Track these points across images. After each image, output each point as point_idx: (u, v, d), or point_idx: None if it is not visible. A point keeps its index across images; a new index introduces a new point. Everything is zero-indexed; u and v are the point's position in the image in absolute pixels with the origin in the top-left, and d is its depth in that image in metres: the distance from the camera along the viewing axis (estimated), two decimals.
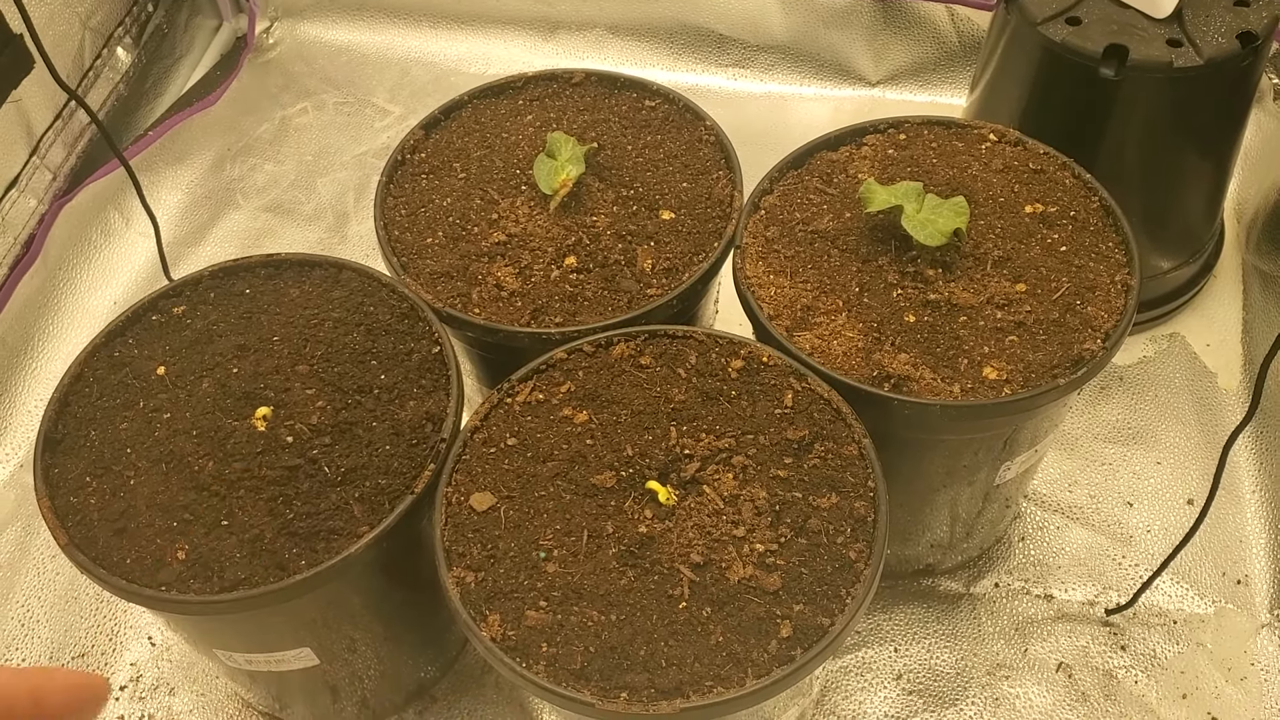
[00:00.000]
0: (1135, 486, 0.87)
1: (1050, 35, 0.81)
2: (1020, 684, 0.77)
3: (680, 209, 0.74)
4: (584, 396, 0.64)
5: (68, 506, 0.62)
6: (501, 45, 1.26)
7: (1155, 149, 0.85)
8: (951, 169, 0.73)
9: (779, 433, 0.61)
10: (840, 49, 1.18)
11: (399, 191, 0.77)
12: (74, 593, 0.85)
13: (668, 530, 0.58)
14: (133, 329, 0.69)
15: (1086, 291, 0.67)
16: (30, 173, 1.03)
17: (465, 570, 0.57)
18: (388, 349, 0.67)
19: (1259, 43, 0.80)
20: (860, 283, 0.68)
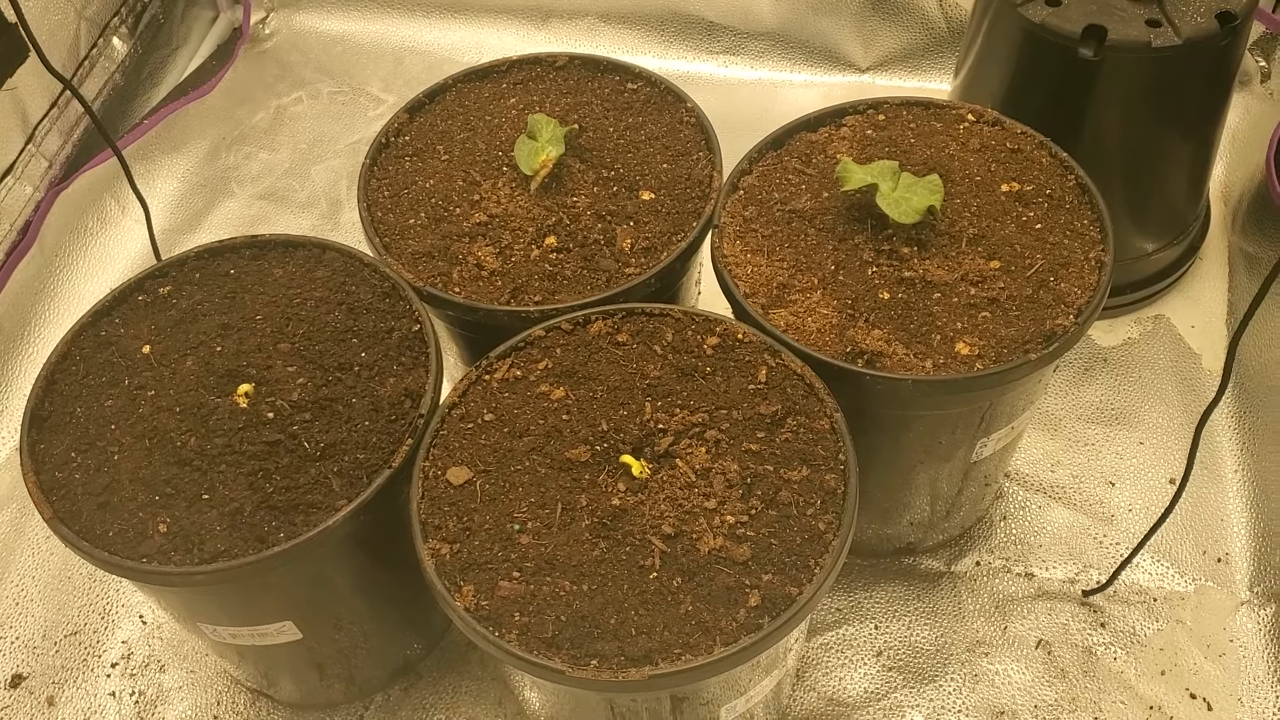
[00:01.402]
0: (1118, 466, 0.87)
1: (1030, 16, 0.82)
2: (1000, 661, 0.78)
3: (660, 189, 0.75)
4: (561, 373, 0.65)
5: (53, 481, 0.63)
6: (494, 34, 1.27)
7: (1136, 129, 0.86)
8: (929, 149, 0.74)
9: (752, 408, 0.62)
10: (830, 36, 1.18)
11: (383, 174, 0.78)
12: (67, 572, 0.86)
13: (640, 503, 0.58)
14: (119, 309, 0.70)
15: (1060, 268, 0.67)
16: (26, 160, 1.04)
17: (441, 542, 0.58)
18: (369, 327, 0.68)
19: (1238, 22, 0.80)
20: (836, 261, 0.69)
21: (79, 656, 0.82)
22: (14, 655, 0.82)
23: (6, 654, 0.82)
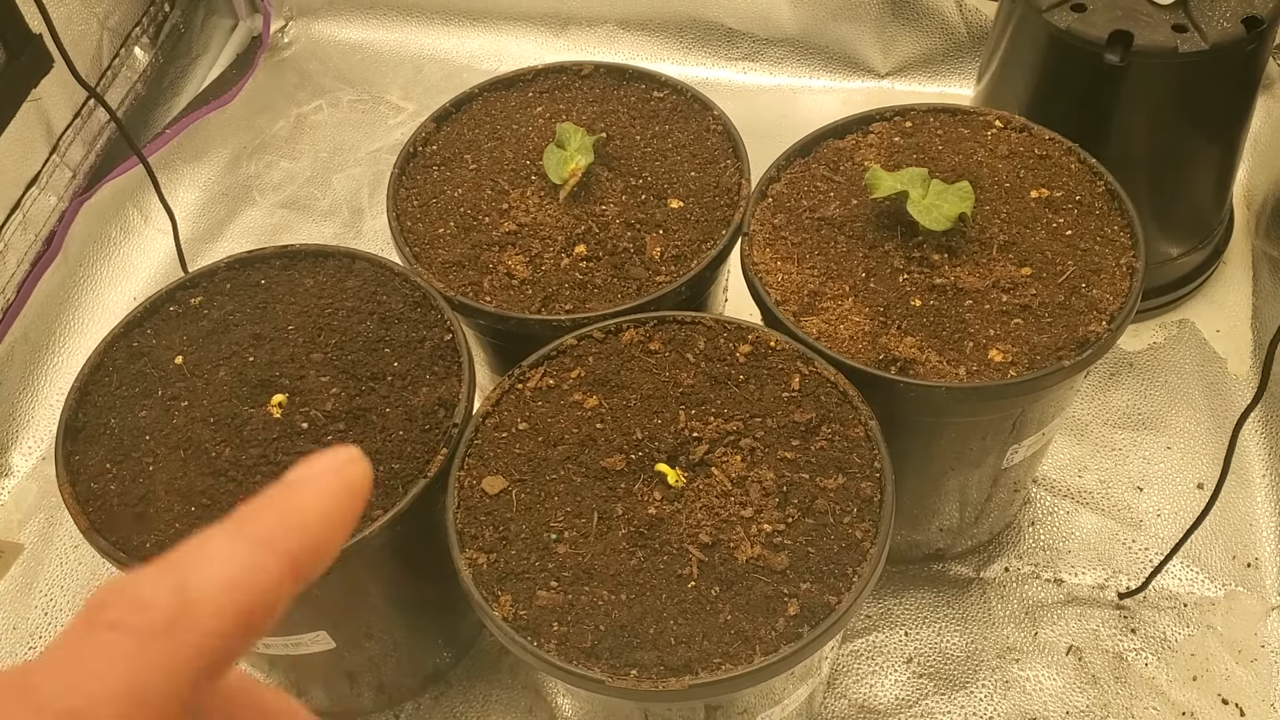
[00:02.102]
0: (1145, 471, 0.87)
1: (1055, 22, 0.82)
2: (1030, 667, 0.78)
3: (688, 197, 0.75)
4: (594, 382, 0.65)
5: (89, 492, 0.63)
6: (513, 41, 1.27)
7: (1162, 134, 0.85)
8: (957, 155, 0.74)
9: (786, 415, 0.62)
10: (849, 41, 1.18)
11: (411, 183, 0.78)
12: (96, 581, 0.86)
13: (677, 511, 0.59)
14: (151, 319, 0.70)
15: (1091, 274, 0.67)
16: (50, 171, 1.04)
17: (478, 552, 0.58)
18: (400, 337, 0.68)
19: (1264, 27, 0.80)
20: (866, 268, 0.69)
21: None
22: None
23: None
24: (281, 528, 0.24)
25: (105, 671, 0.21)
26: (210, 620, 0.22)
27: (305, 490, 0.24)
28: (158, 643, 0.21)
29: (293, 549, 0.23)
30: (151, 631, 0.21)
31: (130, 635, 0.21)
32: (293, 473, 0.25)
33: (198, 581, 0.22)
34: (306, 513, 0.24)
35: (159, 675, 0.21)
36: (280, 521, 0.24)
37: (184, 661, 0.21)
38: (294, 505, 0.24)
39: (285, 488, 0.25)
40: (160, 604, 0.22)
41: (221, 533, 0.23)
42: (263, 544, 0.23)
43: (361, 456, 0.26)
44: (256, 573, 0.23)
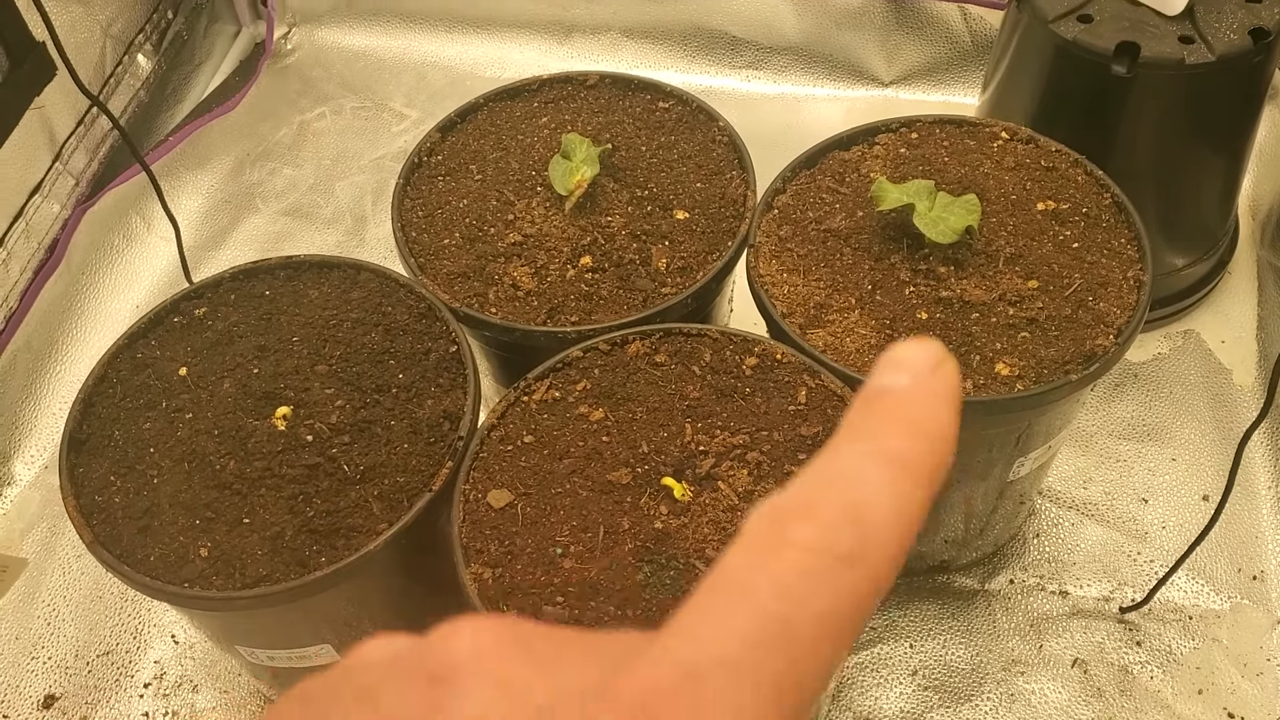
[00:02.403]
0: (1150, 483, 0.87)
1: (1062, 33, 0.82)
2: (1036, 680, 0.77)
3: (694, 209, 0.75)
4: (600, 394, 0.64)
5: (93, 505, 0.63)
6: (517, 49, 1.27)
7: (1168, 146, 0.85)
8: (963, 167, 0.74)
9: (793, 429, 0.62)
10: (853, 50, 1.18)
11: (416, 193, 0.78)
12: (99, 592, 0.86)
13: (683, 526, 0.58)
14: (155, 331, 0.70)
15: (1099, 288, 0.67)
16: (53, 178, 1.04)
17: (483, 566, 0.58)
18: (405, 348, 0.68)
19: (1271, 39, 0.80)
20: (873, 280, 0.68)
21: (112, 677, 0.82)
22: (47, 676, 0.82)
23: (39, 674, 0.82)
24: (917, 449, 0.23)
25: (806, 592, 0.21)
26: (885, 551, 0.22)
27: (921, 401, 0.23)
28: (847, 571, 0.21)
29: (930, 470, 0.23)
30: (843, 558, 0.21)
31: (822, 559, 0.21)
32: (887, 374, 0.24)
33: (872, 513, 0.22)
34: (933, 429, 0.23)
35: (850, 605, 0.21)
36: (914, 442, 0.23)
37: (866, 595, 0.21)
38: (920, 421, 0.23)
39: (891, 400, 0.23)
40: (845, 532, 0.21)
41: (866, 457, 0.22)
42: (909, 469, 0.22)
43: (945, 351, 0.24)
44: (911, 502, 0.22)
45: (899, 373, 0.24)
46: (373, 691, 0.23)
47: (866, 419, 0.23)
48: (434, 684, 0.21)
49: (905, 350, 0.24)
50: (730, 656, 0.20)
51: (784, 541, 0.21)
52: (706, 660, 0.20)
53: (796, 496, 0.22)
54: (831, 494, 0.22)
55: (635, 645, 0.21)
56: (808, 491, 0.22)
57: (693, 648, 0.20)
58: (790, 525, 0.22)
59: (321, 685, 0.25)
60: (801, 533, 0.21)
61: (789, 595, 0.21)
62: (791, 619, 0.20)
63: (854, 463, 0.22)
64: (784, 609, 0.20)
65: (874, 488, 0.22)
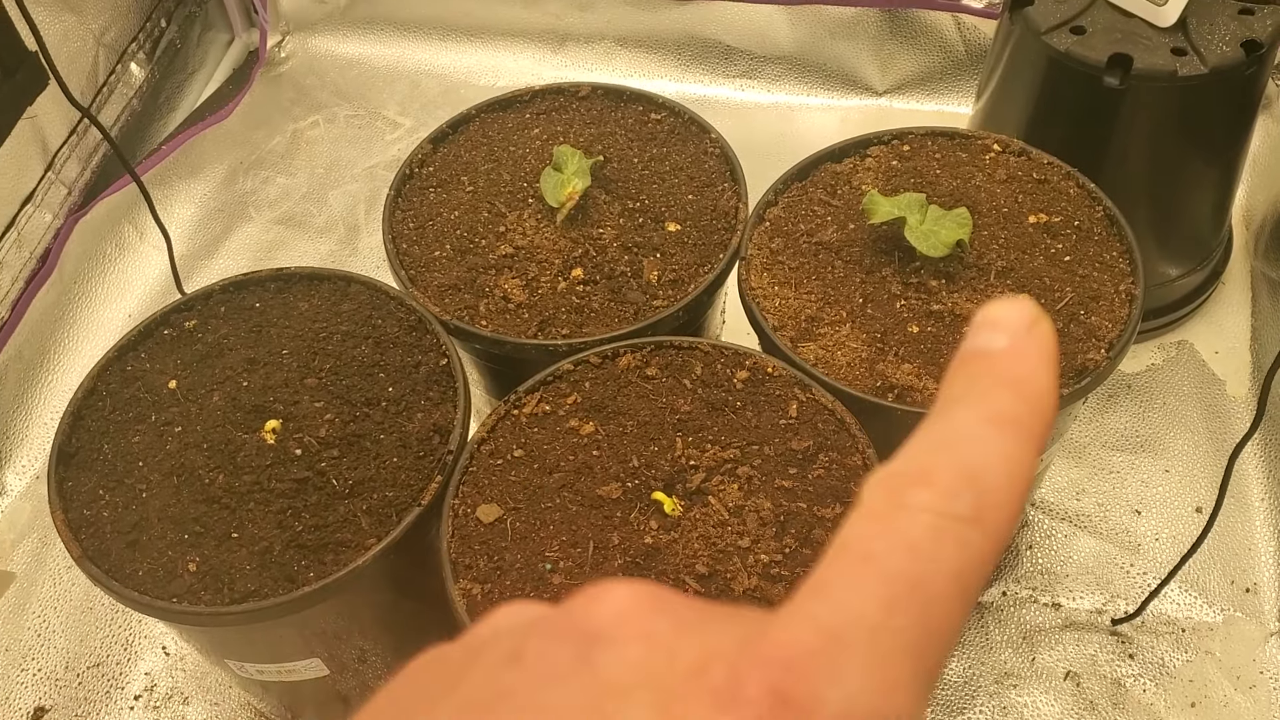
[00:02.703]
0: (1143, 494, 0.87)
1: (1055, 44, 0.81)
2: (1028, 693, 0.77)
3: (686, 221, 0.75)
4: (590, 408, 0.64)
5: (81, 519, 0.63)
6: (511, 58, 1.27)
7: (1161, 157, 0.85)
8: (955, 180, 0.74)
9: (784, 443, 0.62)
10: (847, 59, 1.18)
11: (407, 205, 0.78)
12: (89, 603, 0.85)
13: (673, 541, 0.58)
14: (145, 343, 0.70)
15: (1090, 301, 0.67)
16: (45, 188, 1.04)
17: (472, 582, 0.58)
18: (395, 361, 0.68)
19: (1264, 51, 0.80)
20: (864, 294, 0.68)
21: (102, 689, 0.81)
22: (36, 688, 0.81)
23: (29, 686, 0.81)
24: (1023, 409, 0.23)
25: (936, 551, 0.21)
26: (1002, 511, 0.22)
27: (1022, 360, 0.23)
28: (971, 531, 0.21)
29: (1038, 430, 0.23)
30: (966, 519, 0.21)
31: (945, 521, 0.21)
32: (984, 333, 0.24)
33: (987, 475, 0.22)
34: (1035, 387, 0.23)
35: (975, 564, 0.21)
36: (1019, 402, 0.23)
37: (989, 554, 0.22)
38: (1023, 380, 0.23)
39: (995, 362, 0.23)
40: (964, 494, 0.22)
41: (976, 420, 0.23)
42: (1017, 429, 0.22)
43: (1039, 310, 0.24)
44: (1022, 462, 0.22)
45: (996, 332, 0.24)
46: (518, 651, 0.23)
47: (971, 381, 0.23)
48: (582, 642, 0.22)
49: (1000, 309, 0.24)
50: (869, 617, 0.20)
51: (904, 506, 0.21)
52: (846, 620, 0.20)
53: (911, 463, 0.22)
54: (946, 458, 0.22)
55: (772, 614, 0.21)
56: (922, 457, 0.22)
57: (831, 610, 0.21)
58: (908, 491, 0.22)
59: (457, 649, 0.25)
60: (921, 498, 0.21)
61: (918, 556, 0.21)
62: (922, 579, 0.21)
63: (964, 426, 0.22)
64: (915, 569, 0.21)
65: (986, 450, 0.22)
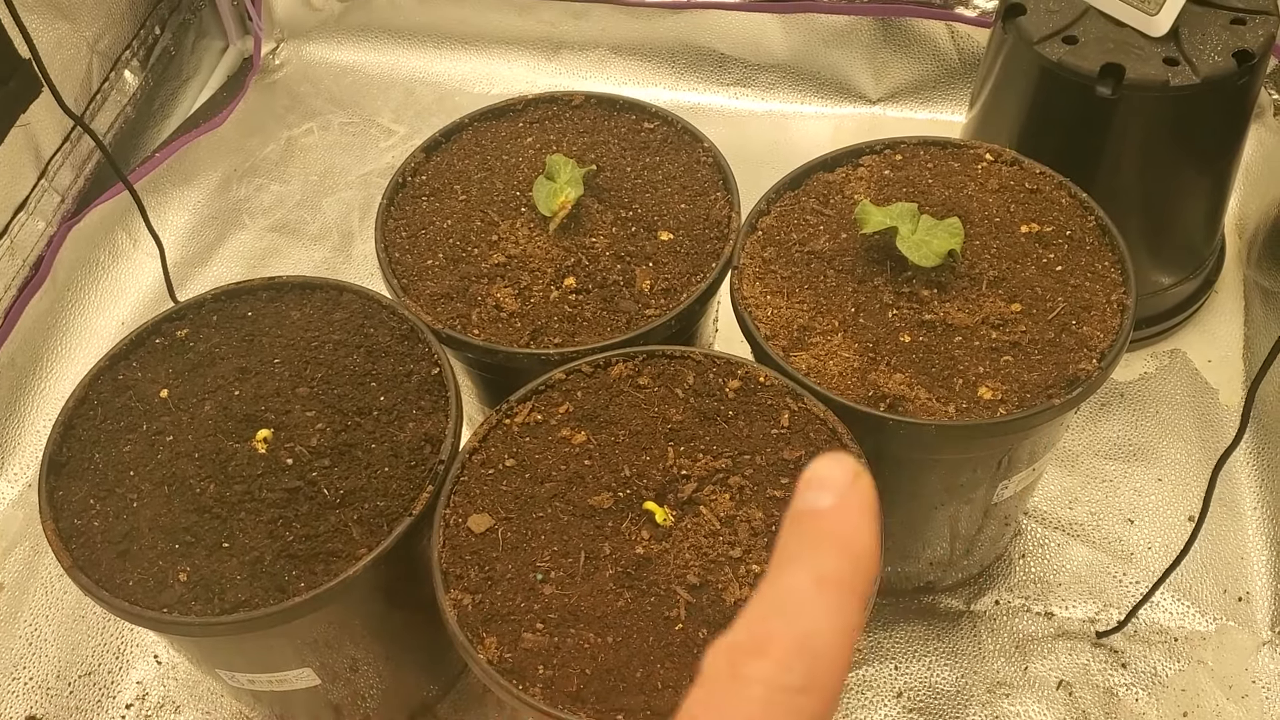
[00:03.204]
0: (1136, 503, 0.87)
1: (1047, 54, 0.82)
2: (1021, 702, 0.77)
3: (678, 230, 0.75)
4: (582, 417, 0.64)
5: (72, 529, 0.62)
6: (505, 65, 1.27)
7: (1153, 167, 0.85)
8: (947, 189, 0.74)
9: (775, 453, 0.62)
10: (841, 67, 1.18)
11: (399, 214, 0.78)
12: (81, 612, 0.85)
13: (665, 551, 0.58)
14: (136, 352, 0.70)
15: (1082, 311, 0.67)
16: (39, 195, 1.04)
17: (463, 592, 0.58)
18: (387, 370, 0.68)
19: (1255, 61, 0.80)
20: (856, 303, 0.68)
21: (93, 698, 0.81)
22: (28, 696, 0.81)
23: (20, 695, 0.81)
24: (848, 568, 0.25)
25: None
26: (833, 673, 0.24)
27: (845, 518, 0.25)
28: (803, 699, 0.23)
29: (862, 586, 0.25)
30: (798, 689, 0.23)
31: (780, 693, 0.23)
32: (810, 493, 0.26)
33: (818, 641, 0.24)
34: (858, 546, 0.25)
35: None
36: (845, 561, 0.25)
37: (821, 715, 0.24)
38: (847, 538, 0.25)
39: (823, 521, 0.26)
40: (797, 663, 0.23)
41: (806, 583, 0.25)
42: (844, 589, 0.25)
43: (859, 465, 0.26)
44: (850, 620, 0.24)
45: (822, 491, 0.26)
46: None
47: (799, 541, 0.25)
48: None
49: (824, 467, 0.26)
50: None
51: (742, 679, 0.23)
52: None
53: (748, 632, 0.24)
54: (779, 626, 0.24)
55: None
56: (757, 625, 0.24)
57: None
58: (746, 663, 0.24)
59: None
60: (757, 669, 0.23)
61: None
62: None
63: (796, 590, 0.25)
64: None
65: (817, 615, 0.24)
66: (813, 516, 0.26)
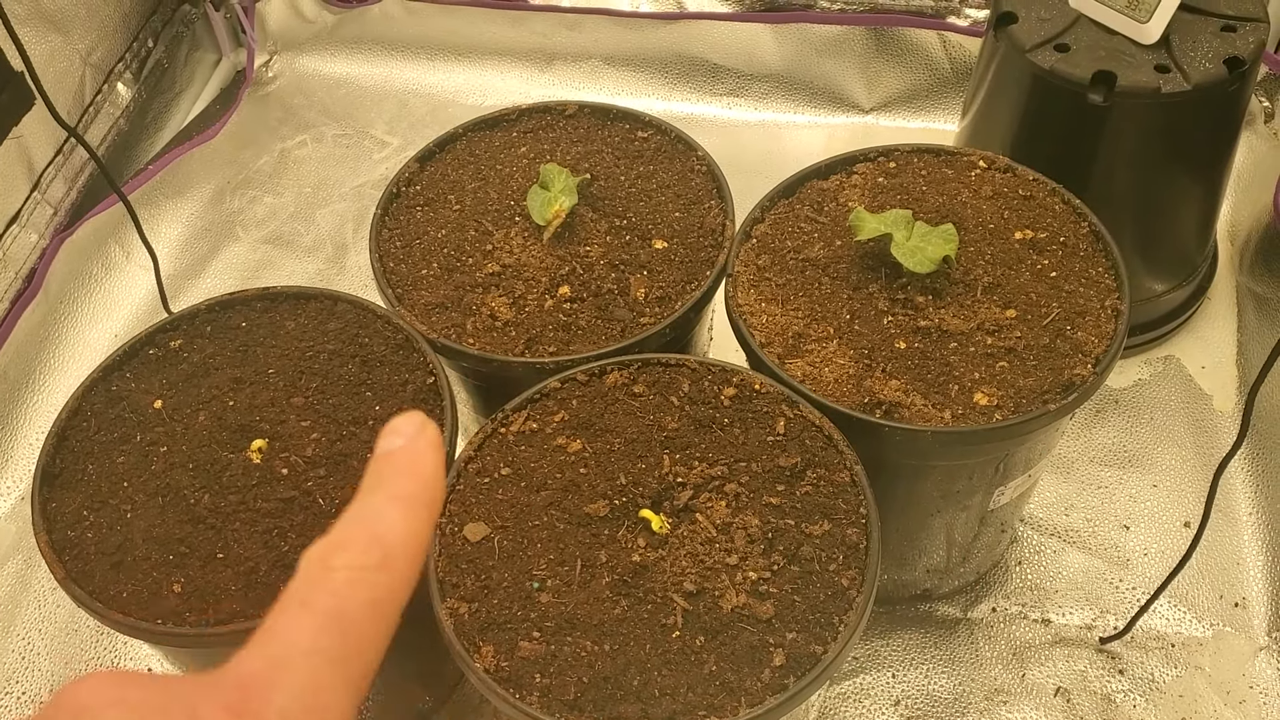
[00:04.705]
0: (1132, 510, 0.87)
1: (1039, 62, 0.82)
2: (1018, 709, 0.77)
3: (673, 238, 0.75)
4: (577, 425, 0.64)
5: (65, 540, 0.62)
6: (498, 77, 1.27)
7: (1145, 174, 0.86)
8: (941, 196, 0.74)
9: (771, 460, 0.62)
10: (833, 77, 1.19)
11: (394, 224, 0.78)
12: (74, 625, 0.85)
13: (661, 559, 0.58)
14: (130, 363, 0.70)
15: (1076, 317, 0.67)
16: (31, 208, 1.04)
17: (459, 601, 0.58)
18: (382, 380, 0.68)
19: (1246, 67, 0.80)
20: (851, 310, 0.68)
21: None
22: (20, 711, 0.81)
23: (13, 710, 0.81)
24: (416, 487, 0.33)
25: (352, 593, 0.30)
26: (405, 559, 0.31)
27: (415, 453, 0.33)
28: (380, 575, 0.30)
29: (429, 500, 0.33)
30: (374, 568, 0.30)
31: (359, 572, 0.30)
32: (386, 439, 0.34)
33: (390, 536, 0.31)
34: (424, 472, 0.33)
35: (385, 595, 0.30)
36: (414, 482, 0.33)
37: (396, 588, 0.31)
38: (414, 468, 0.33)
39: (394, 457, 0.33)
40: (373, 551, 0.31)
41: (381, 499, 0.32)
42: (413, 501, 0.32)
43: (425, 417, 0.34)
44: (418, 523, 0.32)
45: (395, 436, 0.34)
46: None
47: (378, 473, 0.33)
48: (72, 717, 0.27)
49: (398, 421, 0.34)
50: (305, 643, 0.28)
51: (329, 566, 0.30)
52: (285, 649, 0.28)
53: (335, 535, 0.31)
54: (359, 529, 0.31)
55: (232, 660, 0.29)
56: (343, 530, 0.31)
57: (274, 643, 0.28)
58: (332, 555, 0.30)
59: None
60: (341, 558, 0.30)
61: (338, 596, 0.29)
62: (342, 612, 0.29)
63: (373, 505, 0.32)
64: (335, 605, 0.29)
65: (389, 519, 0.32)
66: (388, 455, 0.33)
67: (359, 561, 0.30)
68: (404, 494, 0.32)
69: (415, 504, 0.32)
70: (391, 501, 0.32)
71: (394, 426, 0.34)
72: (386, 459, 0.33)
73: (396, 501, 0.32)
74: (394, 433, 0.34)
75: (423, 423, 0.34)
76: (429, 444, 0.34)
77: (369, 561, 0.30)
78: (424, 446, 0.34)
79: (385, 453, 0.33)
